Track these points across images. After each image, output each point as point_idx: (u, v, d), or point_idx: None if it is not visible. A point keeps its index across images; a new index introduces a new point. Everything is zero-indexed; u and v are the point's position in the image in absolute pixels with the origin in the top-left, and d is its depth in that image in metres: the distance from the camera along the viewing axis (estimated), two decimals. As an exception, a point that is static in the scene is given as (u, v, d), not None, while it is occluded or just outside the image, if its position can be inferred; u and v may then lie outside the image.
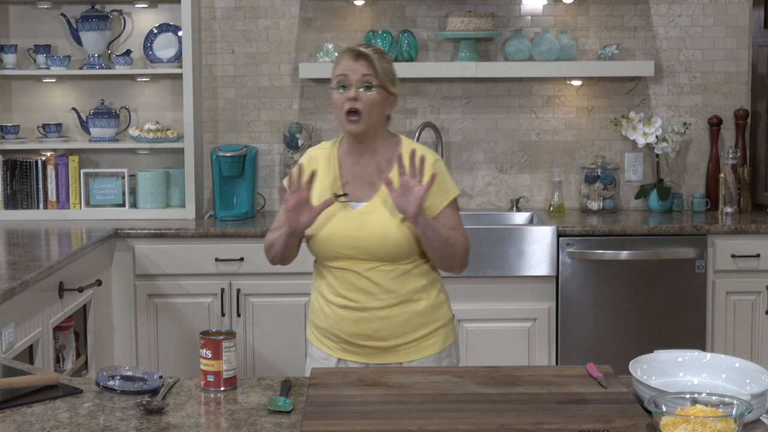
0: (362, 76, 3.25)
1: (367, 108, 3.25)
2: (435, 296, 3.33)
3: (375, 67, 3.25)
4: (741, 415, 2.32)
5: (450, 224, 3.28)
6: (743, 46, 5.82)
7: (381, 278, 3.26)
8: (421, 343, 3.30)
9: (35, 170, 5.62)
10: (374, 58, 3.25)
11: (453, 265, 3.30)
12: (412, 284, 3.28)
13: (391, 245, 3.23)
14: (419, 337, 3.30)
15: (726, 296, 5.25)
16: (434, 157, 3.32)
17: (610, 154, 5.86)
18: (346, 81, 3.26)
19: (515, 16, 5.81)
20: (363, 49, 3.27)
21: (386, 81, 3.28)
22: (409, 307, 3.28)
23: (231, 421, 2.56)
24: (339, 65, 3.28)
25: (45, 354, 4.26)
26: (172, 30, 5.73)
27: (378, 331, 3.26)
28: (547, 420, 2.49)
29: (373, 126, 3.30)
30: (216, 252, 5.23)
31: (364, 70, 3.25)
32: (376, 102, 3.27)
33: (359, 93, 3.25)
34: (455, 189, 3.34)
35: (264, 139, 5.86)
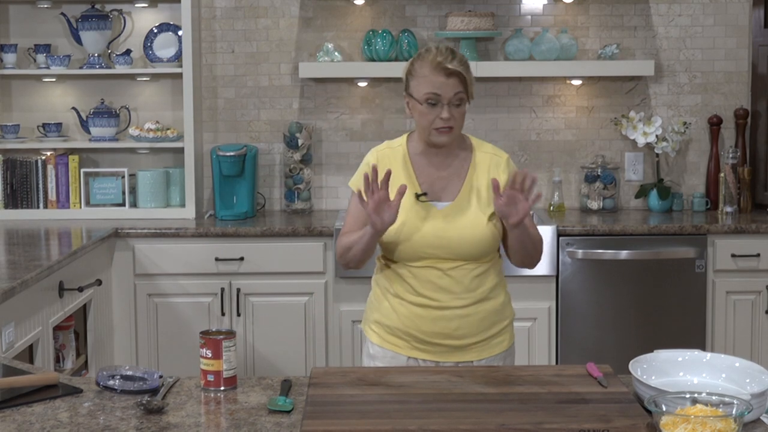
0: (455, 95, 3.24)
1: (458, 123, 3.26)
2: (504, 295, 3.40)
3: (466, 83, 3.25)
4: (741, 415, 2.32)
5: (530, 223, 3.30)
6: (743, 46, 5.82)
7: (463, 277, 3.27)
8: (491, 342, 3.34)
9: (35, 170, 5.62)
10: (465, 74, 3.24)
11: (534, 262, 3.35)
12: (489, 283, 3.32)
13: (479, 243, 3.26)
14: (491, 335, 3.34)
15: (726, 296, 5.25)
16: (507, 156, 3.38)
17: (610, 154, 5.86)
18: (438, 99, 3.24)
19: (515, 15, 5.81)
20: (452, 66, 3.22)
21: (472, 90, 3.28)
22: (485, 306, 3.32)
23: (231, 421, 2.56)
24: (427, 82, 3.25)
25: (45, 353, 4.26)
26: (172, 29, 5.73)
27: (456, 330, 3.28)
28: (547, 420, 2.50)
29: (460, 133, 3.34)
30: (216, 251, 5.23)
31: (457, 89, 3.24)
32: (463, 115, 3.29)
33: (452, 111, 3.24)
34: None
35: (264, 139, 5.86)
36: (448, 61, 3.23)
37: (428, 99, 3.25)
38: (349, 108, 5.84)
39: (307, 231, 5.22)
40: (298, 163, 5.71)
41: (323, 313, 5.25)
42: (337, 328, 5.24)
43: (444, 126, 3.25)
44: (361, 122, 5.84)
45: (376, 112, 5.83)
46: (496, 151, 3.37)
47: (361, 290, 5.18)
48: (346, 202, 5.85)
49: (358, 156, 5.82)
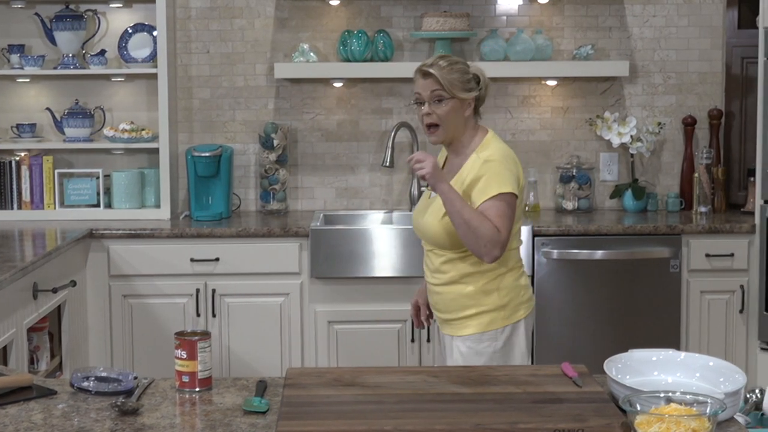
0: (432, 93, 3.58)
1: (442, 120, 3.59)
2: (484, 283, 3.62)
3: (441, 82, 3.56)
4: (715, 414, 2.33)
5: (488, 215, 3.49)
6: (717, 47, 5.85)
7: (435, 260, 3.68)
8: (465, 322, 3.64)
9: (9, 170, 5.59)
10: (439, 74, 3.56)
11: (477, 250, 3.51)
12: (460, 270, 3.62)
13: (433, 234, 3.64)
14: (465, 316, 3.64)
15: (700, 295, 5.28)
16: (486, 157, 3.57)
17: (585, 154, 5.88)
18: (420, 98, 3.61)
19: (490, 16, 5.82)
20: (428, 68, 3.58)
21: (456, 90, 3.57)
22: (456, 288, 3.64)
23: (206, 422, 2.56)
24: (414, 84, 3.64)
25: (19, 355, 4.24)
26: (147, 30, 5.71)
27: (436, 304, 3.74)
28: (523, 419, 2.50)
29: (455, 131, 3.63)
30: (191, 252, 5.22)
31: (433, 87, 3.57)
32: (450, 112, 3.58)
33: (432, 107, 3.58)
34: (502, 187, 3.51)
35: (239, 139, 5.85)
36: (427, 65, 3.59)
37: (416, 99, 3.64)
38: (325, 108, 5.83)
39: (283, 231, 5.22)
40: (274, 164, 5.71)
41: (299, 313, 5.25)
42: (313, 328, 5.24)
43: (428, 123, 3.60)
44: (336, 123, 5.84)
45: (352, 112, 5.83)
46: (486, 153, 3.59)
47: (336, 290, 5.18)
48: (321, 202, 5.85)
49: (333, 156, 5.83)
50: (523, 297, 3.71)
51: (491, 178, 3.52)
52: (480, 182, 3.52)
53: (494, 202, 3.49)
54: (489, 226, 3.46)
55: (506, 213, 3.51)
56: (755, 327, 5.25)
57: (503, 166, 3.56)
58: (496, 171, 3.53)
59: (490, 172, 3.52)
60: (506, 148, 3.66)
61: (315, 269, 5.17)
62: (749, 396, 2.86)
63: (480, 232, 3.46)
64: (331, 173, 5.87)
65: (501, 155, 3.59)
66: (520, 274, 3.72)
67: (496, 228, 3.47)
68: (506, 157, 3.61)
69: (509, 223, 3.52)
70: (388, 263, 5.16)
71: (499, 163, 3.55)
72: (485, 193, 3.51)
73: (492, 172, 3.53)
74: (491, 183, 3.51)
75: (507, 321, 3.66)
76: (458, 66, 3.60)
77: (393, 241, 5.13)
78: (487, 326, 3.63)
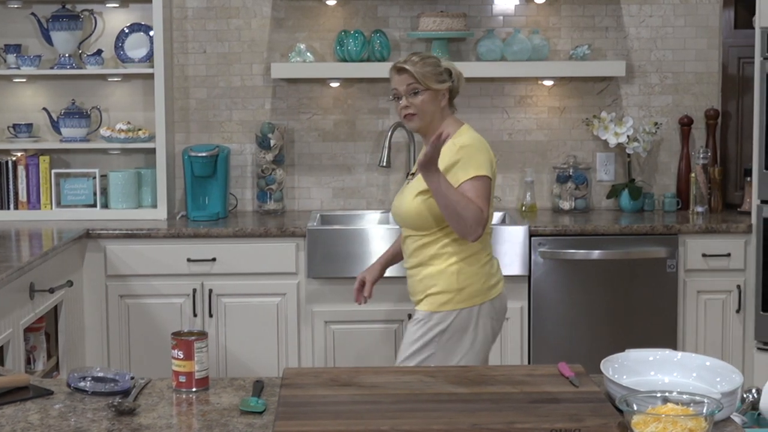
0: (408, 86, 3.85)
1: (419, 110, 3.85)
2: (447, 265, 3.81)
3: (415, 76, 3.82)
4: (712, 414, 2.33)
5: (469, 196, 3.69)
6: (714, 47, 5.85)
7: (411, 244, 3.89)
8: (422, 301, 3.85)
9: (5, 171, 5.59)
10: (413, 68, 3.83)
11: (462, 230, 3.70)
12: (429, 252, 3.83)
13: (406, 215, 3.86)
14: (427, 294, 3.83)
15: (697, 295, 5.28)
16: (462, 143, 3.79)
17: (582, 154, 5.88)
18: (398, 93, 3.88)
19: (487, 16, 5.82)
20: (403, 65, 3.86)
21: (430, 82, 3.84)
22: (423, 270, 3.85)
23: (203, 422, 2.56)
24: (390, 81, 3.92)
25: (16, 355, 4.24)
26: (144, 30, 5.71)
27: (410, 286, 3.94)
28: (519, 419, 2.50)
29: (430, 120, 3.88)
30: (188, 252, 5.22)
31: (408, 81, 3.84)
32: (426, 102, 3.85)
33: (409, 100, 3.85)
34: (479, 170, 3.74)
35: (236, 139, 5.85)
36: (401, 62, 3.89)
37: (393, 94, 3.92)
38: (322, 108, 5.83)
39: (280, 232, 5.22)
40: (271, 164, 5.70)
41: (296, 313, 5.24)
42: (310, 328, 5.24)
43: (406, 113, 3.86)
44: (333, 123, 5.84)
45: (349, 112, 5.83)
46: (461, 139, 3.81)
47: (333, 291, 5.18)
48: (318, 202, 5.85)
49: (330, 156, 5.83)
50: (485, 284, 3.85)
51: (468, 161, 3.74)
52: (457, 165, 3.73)
53: (473, 183, 3.71)
54: (473, 206, 3.66)
55: (485, 193, 3.73)
56: (752, 327, 5.26)
57: (479, 151, 3.79)
58: (472, 155, 3.76)
59: (467, 155, 3.75)
60: (480, 137, 3.90)
61: (312, 269, 5.16)
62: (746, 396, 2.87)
63: (467, 212, 3.64)
64: (327, 173, 5.87)
65: (476, 142, 3.83)
66: (487, 261, 3.89)
67: (479, 207, 3.67)
68: (480, 142, 3.86)
69: (488, 203, 3.75)
70: (385, 263, 5.16)
71: (475, 149, 3.79)
72: (464, 174, 3.72)
73: (468, 155, 3.76)
74: (469, 165, 3.73)
75: (460, 305, 3.80)
76: (430, 60, 3.88)
77: (390, 241, 5.13)
78: (440, 306, 3.81)
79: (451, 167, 3.73)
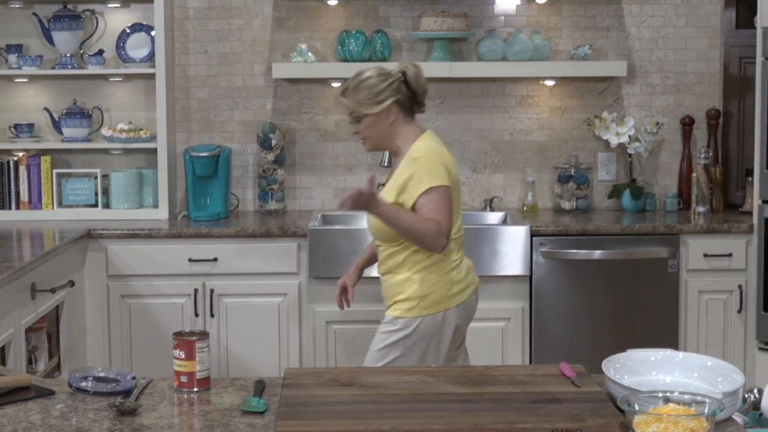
0: (350, 114, 3.99)
1: (365, 134, 3.98)
2: (410, 274, 3.90)
3: (351, 106, 3.94)
4: (713, 414, 2.33)
5: (425, 211, 3.80)
6: (715, 47, 5.85)
7: (381, 252, 4.00)
8: (392, 305, 3.96)
9: (7, 171, 5.59)
10: (346, 101, 3.96)
11: (425, 247, 3.84)
12: (396, 261, 3.92)
13: (373, 228, 3.95)
14: (395, 300, 3.94)
15: (698, 295, 5.28)
16: (416, 157, 3.87)
17: (583, 154, 5.88)
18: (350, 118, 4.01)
19: (488, 16, 5.82)
20: (341, 95, 3.99)
21: (365, 108, 3.91)
22: (392, 277, 3.96)
23: (204, 422, 2.55)
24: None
25: (17, 355, 4.24)
26: (145, 30, 5.71)
27: (382, 291, 4.04)
28: (521, 419, 2.50)
29: (383, 139, 3.99)
30: (189, 252, 5.22)
31: (348, 110, 3.98)
32: (369, 126, 3.94)
33: (356, 127, 3.98)
34: (434, 181, 3.81)
35: (237, 139, 5.85)
36: (340, 91, 4.03)
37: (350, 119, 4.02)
38: (323, 108, 5.83)
39: (281, 232, 5.21)
40: (272, 164, 5.70)
41: (297, 313, 5.24)
42: (311, 328, 5.23)
43: (359, 138, 4.02)
44: (334, 123, 5.84)
45: (350, 112, 5.82)
46: (416, 153, 3.89)
47: (334, 291, 5.15)
48: (319, 202, 5.85)
49: (331, 156, 5.83)
50: (449, 291, 3.92)
51: (422, 174, 3.82)
52: (412, 179, 3.83)
53: (428, 197, 3.80)
54: (429, 224, 3.77)
55: (442, 204, 3.81)
56: (753, 327, 5.26)
57: (432, 161, 3.86)
58: (426, 167, 3.84)
59: (421, 168, 3.83)
60: (435, 145, 3.96)
61: (313, 269, 5.16)
62: (747, 396, 2.87)
63: (423, 231, 3.78)
64: (329, 173, 5.87)
65: (429, 152, 3.90)
66: (453, 267, 3.94)
67: (435, 221, 3.78)
68: (434, 152, 3.91)
69: (447, 213, 3.82)
70: (386, 263, 5.16)
71: (428, 159, 3.86)
72: (418, 188, 3.81)
73: (422, 168, 3.83)
74: (423, 178, 3.82)
75: (423, 312, 3.89)
76: (366, 82, 3.92)
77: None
78: (404, 312, 3.90)
79: (407, 182, 3.84)
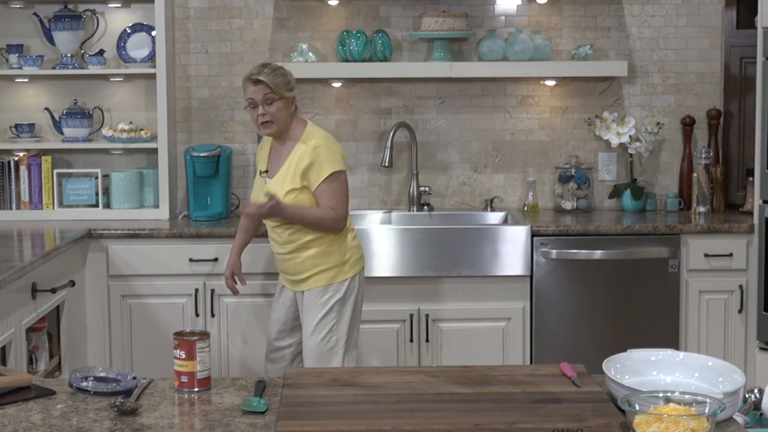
0: (264, 96, 4.40)
1: (274, 117, 4.43)
2: (326, 246, 4.48)
3: (270, 86, 4.39)
4: (714, 414, 2.33)
5: (324, 198, 4.42)
6: (716, 47, 5.85)
7: (283, 234, 4.50)
8: (311, 278, 4.50)
9: (8, 171, 5.59)
10: (267, 80, 4.38)
11: (325, 231, 4.46)
12: (305, 238, 4.46)
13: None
14: (312, 274, 4.50)
15: (699, 295, 5.28)
16: (315, 144, 4.43)
17: (584, 154, 5.88)
18: (254, 102, 4.44)
19: (489, 16, 5.82)
20: (257, 76, 4.39)
21: (282, 91, 4.42)
22: (304, 253, 4.49)
23: (205, 422, 2.56)
24: (246, 91, 4.46)
25: (18, 355, 4.24)
26: (146, 30, 5.71)
27: (288, 268, 4.56)
28: (521, 419, 2.50)
29: (285, 124, 4.48)
30: (190, 252, 5.22)
31: (264, 91, 4.40)
32: (280, 110, 4.43)
33: (265, 108, 4.41)
34: (333, 167, 4.42)
35: (238, 139, 5.85)
36: (254, 74, 4.41)
37: (248, 103, 4.47)
38: (324, 108, 5.83)
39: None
40: (273, 164, 5.71)
41: (298, 313, 5.24)
42: (312, 328, 5.23)
43: (263, 120, 4.42)
44: (335, 122, 5.84)
45: (351, 112, 5.83)
46: (312, 140, 4.44)
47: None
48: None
49: (332, 156, 5.82)
50: (357, 255, 4.58)
51: (323, 161, 4.40)
52: (314, 166, 4.38)
53: (329, 183, 4.40)
54: (327, 213, 4.41)
55: (339, 190, 4.43)
56: (754, 327, 5.26)
57: (329, 149, 4.45)
58: (325, 154, 4.41)
59: (321, 156, 4.40)
60: (326, 133, 4.56)
61: (314, 269, 5.17)
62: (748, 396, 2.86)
63: (324, 221, 4.42)
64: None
65: (325, 140, 4.47)
66: (354, 236, 4.59)
67: (331, 209, 4.40)
68: (329, 139, 4.51)
69: (343, 198, 4.46)
70: (387, 263, 5.16)
71: (326, 148, 4.44)
72: (320, 174, 4.38)
73: (322, 155, 4.40)
74: (324, 165, 4.40)
75: (347, 275, 4.52)
76: (280, 71, 4.44)
77: (392, 241, 5.14)
78: (331, 279, 4.49)
79: (310, 168, 4.39)
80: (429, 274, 5.19)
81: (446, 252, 5.17)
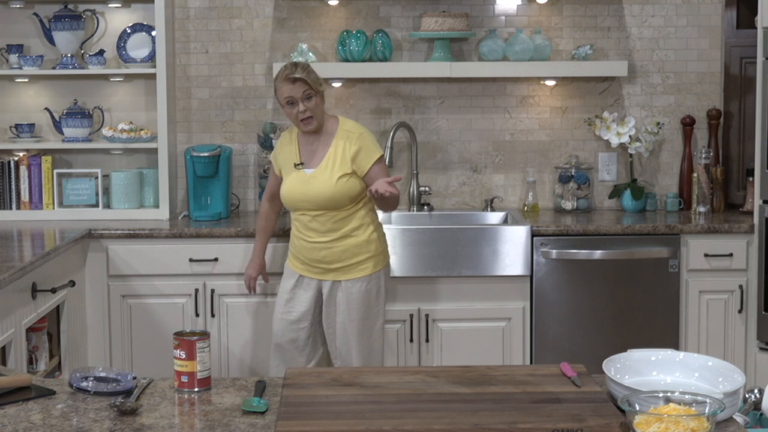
0: (303, 93, 4.58)
1: (314, 111, 4.62)
2: (369, 234, 4.67)
3: (309, 83, 4.58)
4: (714, 414, 2.33)
5: (382, 176, 4.55)
6: (716, 47, 5.85)
7: (326, 221, 4.63)
8: (356, 267, 4.66)
9: (8, 171, 5.59)
10: (306, 77, 4.57)
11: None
12: (348, 225, 4.63)
13: (329, 198, 4.58)
14: (354, 262, 4.65)
15: (699, 295, 5.28)
16: (359, 132, 4.66)
17: (584, 154, 5.88)
18: (293, 100, 4.59)
19: (489, 16, 5.82)
20: (295, 74, 4.56)
21: (318, 86, 4.63)
22: (346, 241, 4.64)
23: (205, 422, 2.56)
24: (282, 90, 4.61)
25: (18, 355, 4.24)
26: (146, 30, 5.71)
27: (324, 257, 4.65)
28: (521, 419, 2.50)
29: (321, 118, 4.67)
30: (190, 252, 5.22)
31: (303, 88, 4.58)
32: (318, 104, 4.63)
33: (305, 105, 4.59)
34: (379, 151, 4.66)
35: (238, 139, 5.85)
36: (290, 72, 4.57)
37: (287, 102, 4.61)
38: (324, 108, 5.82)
39: (281, 231, 5.21)
40: (273, 164, 5.71)
41: (298, 313, 5.24)
42: (312, 328, 5.23)
43: (304, 117, 4.60)
44: (335, 123, 5.83)
45: (351, 112, 5.83)
46: (353, 129, 4.67)
47: (335, 291, 5.18)
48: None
49: (332, 156, 5.82)
50: (386, 245, 4.78)
51: (370, 146, 4.64)
52: (362, 151, 4.60)
53: (380, 165, 4.63)
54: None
55: (387, 171, 4.70)
56: (754, 327, 5.26)
57: (369, 134, 4.70)
58: (370, 139, 4.66)
59: (367, 141, 4.64)
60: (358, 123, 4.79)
61: (314, 269, 5.17)
62: (748, 396, 2.87)
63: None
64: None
65: (362, 128, 4.70)
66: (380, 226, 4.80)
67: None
68: (364, 128, 4.73)
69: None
70: (387, 263, 5.16)
71: (367, 134, 4.69)
72: (370, 158, 4.60)
73: (368, 141, 4.64)
74: (372, 149, 4.63)
75: (382, 264, 4.72)
76: (311, 68, 4.63)
77: (392, 241, 5.13)
78: (373, 268, 4.67)
79: (356, 155, 4.60)
80: (429, 274, 5.19)
81: (446, 252, 5.17)
